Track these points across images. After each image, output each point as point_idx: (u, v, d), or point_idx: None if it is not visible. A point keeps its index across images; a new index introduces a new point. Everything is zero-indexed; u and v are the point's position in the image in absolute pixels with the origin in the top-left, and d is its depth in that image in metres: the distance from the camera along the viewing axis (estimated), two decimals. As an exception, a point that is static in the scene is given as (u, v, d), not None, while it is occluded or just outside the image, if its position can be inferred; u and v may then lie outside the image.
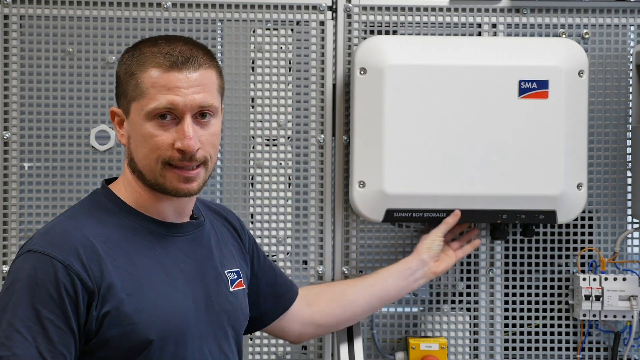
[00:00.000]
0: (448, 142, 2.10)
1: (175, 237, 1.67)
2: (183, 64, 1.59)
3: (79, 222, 1.60)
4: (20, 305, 1.49)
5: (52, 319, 1.49)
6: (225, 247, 1.80)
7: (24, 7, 2.17)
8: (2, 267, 2.16)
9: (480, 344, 2.27)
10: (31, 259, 1.52)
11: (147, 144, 1.60)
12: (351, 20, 2.22)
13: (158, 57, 1.59)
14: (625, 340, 2.24)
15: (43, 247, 1.53)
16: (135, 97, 1.60)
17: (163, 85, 1.58)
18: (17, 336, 1.47)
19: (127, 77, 1.62)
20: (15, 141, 2.18)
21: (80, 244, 1.54)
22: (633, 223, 2.27)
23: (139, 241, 1.62)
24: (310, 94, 2.22)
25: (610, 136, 2.27)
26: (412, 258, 2.10)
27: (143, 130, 1.59)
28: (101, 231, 1.59)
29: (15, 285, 1.51)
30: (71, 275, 1.51)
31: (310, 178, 2.23)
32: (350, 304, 2.05)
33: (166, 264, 1.62)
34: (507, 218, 2.13)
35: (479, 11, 2.24)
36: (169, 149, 1.59)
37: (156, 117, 1.58)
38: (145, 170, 1.62)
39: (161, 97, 1.58)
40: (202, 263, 1.69)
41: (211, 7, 2.20)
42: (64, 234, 1.56)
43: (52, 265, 1.51)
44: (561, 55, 2.12)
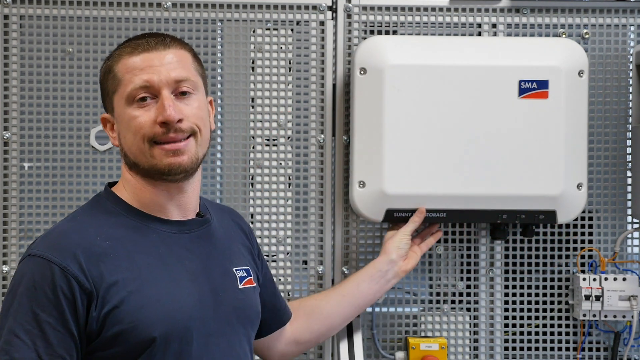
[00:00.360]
0: (448, 142, 2.10)
1: (179, 235, 1.67)
2: (152, 46, 1.64)
3: (79, 223, 1.61)
4: (20, 310, 1.51)
5: (51, 322, 1.50)
6: (234, 246, 1.81)
7: (24, 7, 2.17)
8: (2, 267, 2.16)
9: (480, 344, 2.27)
10: (30, 263, 1.54)
11: (130, 128, 1.62)
12: (351, 20, 2.22)
13: (128, 48, 1.65)
14: (625, 340, 2.24)
15: (41, 250, 1.54)
16: (115, 89, 1.64)
17: (136, 67, 1.62)
18: (16, 341, 1.49)
19: (106, 75, 1.67)
20: (15, 141, 2.18)
21: (78, 246, 1.55)
22: (633, 223, 2.27)
23: (140, 240, 1.62)
24: (310, 94, 2.22)
25: (610, 136, 2.27)
26: (381, 260, 2.09)
27: (126, 116, 1.62)
28: (102, 230, 1.60)
29: (16, 290, 1.53)
30: (68, 278, 1.52)
31: (310, 178, 2.23)
32: (327, 317, 2.03)
33: (169, 262, 1.63)
34: (507, 218, 2.13)
35: (479, 11, 2.24)
36: (152, 126, 1.61)
37: (136, 101, 1.62)
38: (136, 157, 1.63)
39: (136, 78, 1.61)
40: (207, 260, 1.70)
41: (211, 7, 2.20)
42: (61, 236, 1.57)
43: (50, 269, 1.52)
44: (561, 55, 2.12)
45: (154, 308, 1.57)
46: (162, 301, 1.58)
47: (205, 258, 1.69)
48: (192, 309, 1.62)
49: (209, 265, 1.69)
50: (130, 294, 1.55)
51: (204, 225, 1.73)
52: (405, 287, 2.26)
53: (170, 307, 1.58)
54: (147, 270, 1.59)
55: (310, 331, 2.02)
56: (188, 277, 1.64)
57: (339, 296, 2.05)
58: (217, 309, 1.66)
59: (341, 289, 2.07)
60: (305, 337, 2.01)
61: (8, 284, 1.60)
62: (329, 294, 2.07)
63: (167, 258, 1.63)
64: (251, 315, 1.77)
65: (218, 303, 1.67)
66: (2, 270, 2.16)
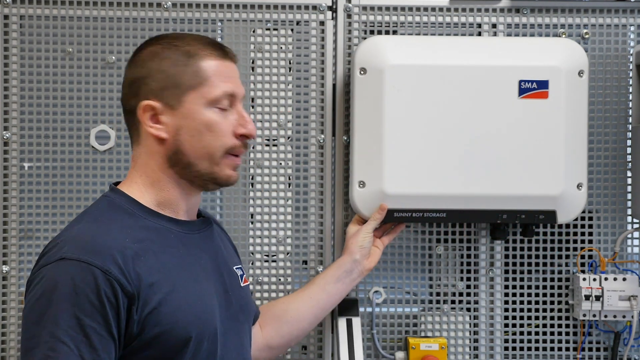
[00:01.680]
0: (448, 142, 2.10)
1: (191, 235, 1.68)
2: (233, 56, 1.67)
3: (104, 225, 1.56)
4: (62, 316, 1.45)
5: (95, 327, 1.46)
6: (227, 245, 1.84)
7: (24, 7, 2.17)
8: (2, 267, 2.16)
9: (480, 344, 2.27)
10: (67, 267, 1.48)
11: (210, 132, 1.61)
12: (351, 20, 2.22)
13: (215, 50, 1.64)
14: (625, 340, 2.24)
15: (78, 254, 1.48)
16: (194, 86, 1.61)
17: (225, 74, 1.63)
18: (61, 346, 1.44)
19: (179, 67, 1.60)
20: (15, 141, 2.18)
21: (113, 248, 1.51)
22: (633, 223, 2.27)
23: (163, 241, 1.61)
24: (310, 94, 2.22)
25: (610, 136, 2.27)
26: (345, 260, 2.08)
27: (204, 117, 1.60)
28: (127, 232, 1.56)
29: (52, 295, 1.47)
30: (111, 282, 1.47)
31: (310, 178, 2.23)
32: (297, 321, 2.03)
33: (189, 262, 1.63)
34: (507, 218, 2.13)
35: (479, 11, 2.24)
36: (231, 137, 1.63)
37: (216, 105, 1.62)
38: (199, 160, 1.62)
39: (224, 85, 1.62)
40: (216, 259, 1.72)
41: (211, 7, 2.20)
42: (95, 239, 1.52)
43: (91, 273, 1.47)
44: (561, 55, 2.12)
45: (188, 308, 1.57)
46: (192, 301, 1.58)
47: (214, 257, 1.71)
48: (215, 309, 1.64)
49: (218, 264, 1.71)
50: (167, 295, 1.54)
51: (208, 226, 1.74)
52: (405, 287, 2.27)
53: (199, 308, 1.59)
54: (175, 272, 1.58)
55: (281, 335, 2.01)
56: (205, 277, 1.65)
57: (306, 299, 2.04)
58: (229, 307, 1.69)
59: (308, 291, 2.06)
60: (276, 341, 2.01)
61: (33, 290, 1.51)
62: (297, 297, 2.06)
63: (186, 258, 1.63)
64: (251, 311, 1.81)
65: (229, 301, 1.70)
66: (2, 270, 2.16)
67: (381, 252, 2.13)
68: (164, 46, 1.63)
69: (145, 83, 1.62)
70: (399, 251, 2.24)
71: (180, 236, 1.65)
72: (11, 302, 2.16)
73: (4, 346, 2.17)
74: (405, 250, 2.24)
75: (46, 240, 2.15)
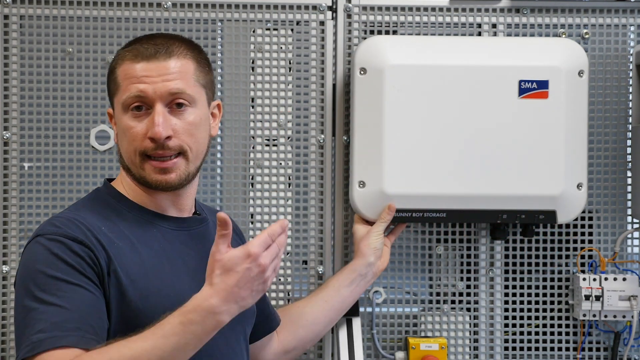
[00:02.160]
0: (448, 142, 2.10)
1: (178, 232, 1.68)
2: (153, 55, 1.62)
3: (83, 213, 1.61)
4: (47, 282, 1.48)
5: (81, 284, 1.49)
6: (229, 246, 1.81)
7: (24, 7, 2.17)
8: (2, 267, 2.16)
9: (480, 344, 2.27)
10: (42, 241, 1.52)
11: (125, 137, 1.63)
12: (351, 20, 2.22)
13: (132, 51, 1.63)
14: (625, 340, 2.24)
15: (53, 230, 1.53)
16: (114, 92, 1.65)
17: (133, 76, 1.61)
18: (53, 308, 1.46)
19: (110, 74, 1.67)
20: (15, 141, 2.18)
21: (87, 230, 1.55)
22: (633, 223, 2.27)
23: (142, 234, 1.63)
24: (310, 94, 2.22)
25: (610, 136, 2.27)
26: (358, 263, 2.07)
27: (122, 123, 1.63)
28: (105, 223, 1.60)
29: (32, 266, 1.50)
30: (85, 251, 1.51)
31: (310, 178, 2.23)
32: (311, 324, 2.03)
33: (171, 256, 1.63)
34: (507, 218, 2.13)
35: (479, 11, 2.24)
36: (143, 139, 1.61)
37: (131, 109, 1.62)
38: (129, 164, 1.65)
39: (132, 87, 1.61)
40: (205, 258, 1.69)
41: (211, 7, 2.20)
42: (71, 221, 1.56)
43: (65, 243, 1.51)
44: (561, 55, 2.12)
45: (156, 299, 1.57)
46: (164, 292, 1.59)
47: (203, 256, 1.69)
48: None
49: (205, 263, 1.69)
50: (133, 282, 1.56)
51: (201, 224, 1.74)
52: (405, 287, 2.27)
53: (172, 299, 1.58)
54: (150, 262, 1.60)
55: (297, 339, 2.01)
56: (187, 273, 1.65)
57: (321, 302, 2.04)
58: None
59: (323, 294, 2.06)
60: (292, 345, 2.01)
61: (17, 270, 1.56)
62: (312, 301, 2.06)
63: (168, 252, 1.64)
64: (246, 313, 1.75)
65: None
66: (2, 270, 2.16)
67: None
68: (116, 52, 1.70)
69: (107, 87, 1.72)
70: (399, 251, 2.24)
71: (164, 231, 1.66)
72: (11, 302, 2.16)
73: (4, 346, 2.17)
74: (405, 250, 2.24)
75: (46, 240, 2.15)
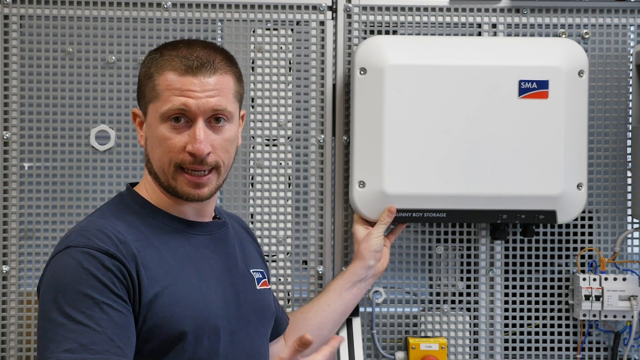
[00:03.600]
0: (448, 142, 2.10)
1: (201, 236, 1.69)
2: (198, 69, 1.61)
3: (111, 220, 1.61)
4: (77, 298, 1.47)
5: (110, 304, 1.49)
6: (247, 249, 1.83)
7: (24, 7, 2.17)
8: (2, 267, 2.16)
9: (480, 344, 2.27)
10: (73, 254, 1.51)
11: (161, 146, 1.62)
12: (351, 20, 2.22)
13: (175, 61, 1.62)
14: (625, 340, 2.24)
15: (83, 241, 1.53)
16: (151, 99, 1.63)
17: (177, 88, 1.60)
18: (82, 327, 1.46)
19: (146, 79, 1.65)
20: (15, 141, 2.18)
21: (118, 240, 1.55)
22: (633, 223, 2.27)
23: (168, 239, 1.64)
24: (310, 94, 2.22)
25: (610, 136, 2.27)
26: (358, 265, 2.07)
27: (158, 132, 1.62)
28: (132, 230, 1.60)
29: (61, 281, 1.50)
30: (117, 265, 1.51)
31: (310, 178, 2.23)
32: (317, 328, 2.02)
33: (196, 261, 1.65)
34: (507, 218, 2.13)
35: (479, 11, 2.24)
36: (180, 151, 1.61)
37: (170, 120, 1.61)
38: (159, 173, 1.64)
39: (175, 99, 1.60)
40: (228, 261, 1.71)
41: (211, 7, 2.20)
42: (102, 229, 1.56)
43: (96, 256, 1.51)
44: (561, 55, 2.12)
45: (186, 304, 1.58)
46: (193, 297, 1.60)
47: (226, 259, 1.71)
48: (219, 307, 1.64)
49: (230, 266, 1.71)
50: (164, 289, 1.57)
51: (222, 228, 1.75)
52: (405, 287, 2.27)
53: (200, 304, 1.60)
54: (178, 268, 1.61)
55: None
56: (213, 277, 1.66)
57: (324, 306, 2.05)
58: (239, 308, 1.69)
59: (325, 299, 2.06)
60: None
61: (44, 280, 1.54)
62: (315, 306, 2.06)
63: (194, 257, 1.65)
64: (268, 315, 1.79)
65: (240, 302, 1.70)
66: (2, 270, 2.16)
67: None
68: (147, 55, 1.68)
69: (137, 88, 1.70)
70: (399, 251, 2.24)
71: (188, 237, 1.68)
72: (11, 302, 2.16)
73: (4, 346, 2.17)
74: (405, 250, 2.24)
75: (46, 240, 2.16)
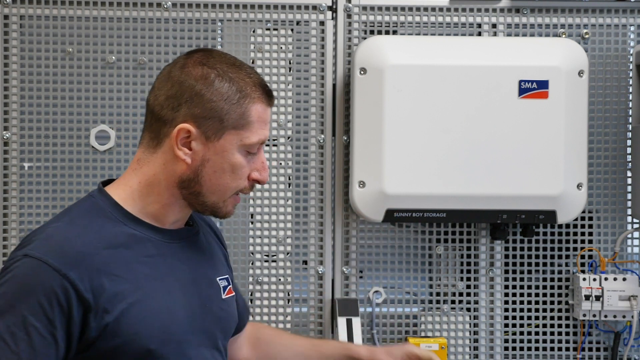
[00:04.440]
0: (448, 142, 2.10)
1: (171, 244, 1.64)
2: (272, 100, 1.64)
3: (78, 228, 1.56)
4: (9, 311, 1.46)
5: (38, 327, 1.46)
6: (215, 254, 1.78)
7: (24, 7, 2.17)
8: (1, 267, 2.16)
9: (480, 344, 2.27)
10: (26, 264, 1.49)
11: (232, 173, 1.60)
12: (351, 20, 2.22)
13: (259, 91, 1.60)
14: (625, 340, 2.24)
15: (41, 253, 1.49)
16: (237, 126, 1.58)
17: (265, 121, 1.61)
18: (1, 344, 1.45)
19: (229, 104, 1.58)
20: (15, 141, 2.18)
21: (80, 253, 1.50)
22: (633, 223, 2.27)
23: (138, 249, 1.59)
24: (310, 94, 2.22)
25: (610, 136, 2.27)
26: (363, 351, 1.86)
27: (234, 159, 1.59)
28: (101, 237, 1.55)
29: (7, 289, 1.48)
30: (65, 287, 1.47)
31: (310, 178, 2.23)
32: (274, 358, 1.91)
33: (163, 272, 1.60)
34: (507, 218, 2.13)
35: (479, 11, 2.24)
36: (246, 179, 1.63)
37: (247, 150, 1.61)
38: (210, 194, 1.61)
39: (263, 133, 1.60)
40: (196, 270, 1.68)
41: (211, 7, 2.20)
42: (65, 242, 1.52)
43: (48, 274, 1.47)
44: (561, 55, 2.12)
45: (153, 321, 1.55)
46: (159, 313, 1.56)
47: (194, 267, 1.67)
48: (185, 321, 1.60)
49: (197, 275, 1.67)
50: (131, 306, 1.53)
51: (193, 235, 1.71)
52: (405, 287, 2.27)
53: (166, 320, 1.57)
54: (145, 282, 1.57)
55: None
56: (179, 288, 1.62)
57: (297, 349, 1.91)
58: (204, 319, 1.65)
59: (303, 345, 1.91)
60: None
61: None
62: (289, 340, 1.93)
63: (161, 268, 1.60)
64: (231, 324, 1.74)
65: (205, 313, 1.65)
66: (2, 270, 2.16)
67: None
68: (219, 74, 1.59)
69: (189, 104, 1.58)
70: (399, 251, 2.24)
71: (158, 245, 1.62)
72: (11, 302, 2.16)
73: (4, 346, 2.17)
74: (405, 250, 2.24)
75: (46, 240, 2.15)
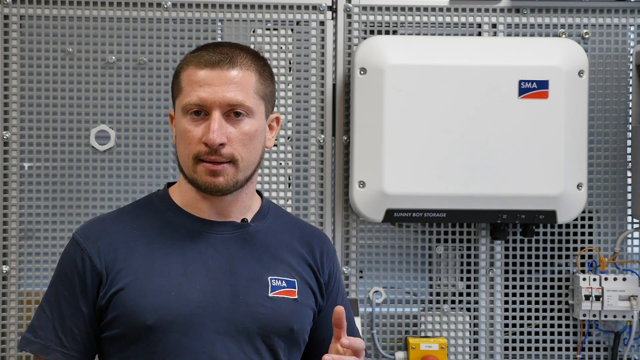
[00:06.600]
0: (448, 142, 2.10)
1: (210, 234, 1.69)
2: (217, 63, 1.65)
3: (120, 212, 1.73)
4: (52, 283, 1.68)
5: (66, 295, 1.64)
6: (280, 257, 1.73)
7: (24, 7, 2.17)
8: (2, 267, 2.16)
9: (480, 344, 2.27)
10: (70, 243, 1.69)
11: (182, 140, 1.66)
12: (351, 20, 2.22)
13: (197, 57, 1.66)
14: (625, 340, 2.24)
15: (77, 232, 1.69)
16: (176, 95, 1.69)
17: (196, 82, 1.64)
18: (40, 311, 1.67)
19: (174, 77, 1.71)
20: (15, 141, 2.18)
21: (104, 231, 1.67)
22: (633, 223, 2.27)
23: (167, 233, 1.68)
24: (310, 94, 2.22)
25: (610, 136, 2.27)
26: None
27: (180, 125, 1.67)
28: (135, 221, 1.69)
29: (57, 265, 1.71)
30: (84, 258, 1.64)
31: (310, 178, 2.23)
32: None
33: (189, 257, 1.66)
34: (507, 218, 2.13)
35: (479, 11, 2.24)
36: (198, 143, 1.64)
37: (190, 113, 1.65)
38: (184, 167, 1.68)
39: (193, 93, 1.64)
40: (235, 262, 1.68)
41: (211, 7, 2.20)
42: (95, 222, 1.71)
43: (74, 248, 1.66)
44: (561, 55, 2.12)
45: (155, 297, 1.61)
46: (166, 290, 1.62)
47: (232, 259, 1.68)
48: (200, 303, 1.62)
49: (235, 267, 1.68)
50: (135, 280, 1.62)
51: (239, 230, 1.72)
52: (405, 287, 2.27)
53: (172, 298, 1.61)
54: (162, 261, 1.64)
55: None
56: (205, 274, 1.65)
57: None
58: (234, 310, 1.64)
59: None
60: None
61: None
62: None
63: (188, 252, 1.66)
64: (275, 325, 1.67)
65: (237, 304, 1.64)
66: (2, 270, 2.16)
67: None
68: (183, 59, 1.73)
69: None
70: (399, 251, 2.24)
71: (194, 232, 1.69)
72: (11, 302, 2.16)
73: (4, 346, 2.17)
74: (405, 250, 2.24)
75: (46, 241, 2.17)
